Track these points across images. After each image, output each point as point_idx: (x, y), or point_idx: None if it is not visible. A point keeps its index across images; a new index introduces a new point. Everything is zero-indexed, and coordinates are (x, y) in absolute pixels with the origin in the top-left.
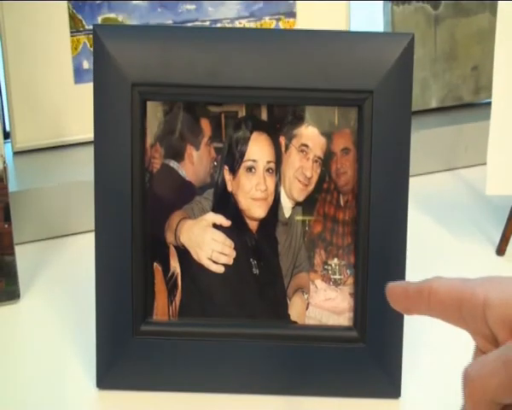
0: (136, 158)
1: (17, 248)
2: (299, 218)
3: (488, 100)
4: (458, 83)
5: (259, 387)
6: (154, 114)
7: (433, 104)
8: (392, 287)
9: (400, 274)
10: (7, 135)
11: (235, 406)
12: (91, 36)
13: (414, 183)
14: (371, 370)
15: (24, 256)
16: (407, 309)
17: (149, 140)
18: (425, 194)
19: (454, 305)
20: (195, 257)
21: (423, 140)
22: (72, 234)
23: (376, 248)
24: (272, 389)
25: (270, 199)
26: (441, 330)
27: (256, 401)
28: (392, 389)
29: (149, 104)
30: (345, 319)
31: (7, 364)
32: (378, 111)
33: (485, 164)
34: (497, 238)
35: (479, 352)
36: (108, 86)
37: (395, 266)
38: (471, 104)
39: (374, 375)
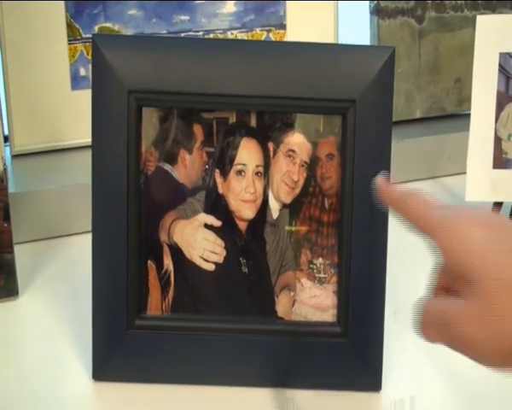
0: (132, 161)
1: (16, 248)
2: (286, 219)
3: (470, 111)
4: (442, 95)
5: (248, 380)
6: (150, 119)
7: (418, 115)
8: (382, 185)
9: (381, 274)
10: (5, 138)
11: (224, 397)
12: (88, 44)
13: None
14: (353, 364)
15: (22, 255)
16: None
17: (145, 144)
18: None
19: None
20: (188, 255)
21: (408, 149)
22: (69, 235)
23: (359, 248)
24: (260, 381)
25: (259, 201)
26: None
27: (244, 393)
28: (373, 382)
29: (145, 110)
30: (329, 316)
31: (5, 357)
32: (361, 119)
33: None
34: None
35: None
36: (106, 93)
37: (376, 265)
38: (454, 115)
39: (356, 369)
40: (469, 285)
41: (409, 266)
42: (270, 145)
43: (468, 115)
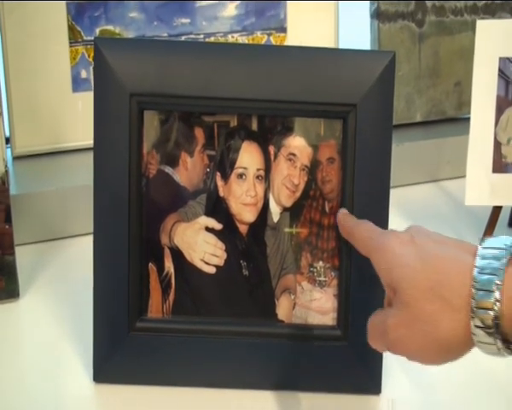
0: (134, 164)
1: (17, 249)
2: (286, 222)
3: (470, 115)
4: (442, 98)
5: (248, 382)
6: (151, 122)
7: (418, 118)
8: (340, 219)
9: None
10: (7, 140)
11: (225, 399)
12: (89, 47)
13: (398, 193)
14: (353, 367)
15: (23, 257)
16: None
17: (146, 147)
18: (409, 204)
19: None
20: (188, 258)
21: (408, 152)
22: (70, 236)
23: (359, 251)
24: (260, 384)
25: (260, 204)
26: None
27: (244, 396)
28: (373, 385)
29: (146, 113)
30: (329, 319)
31: (6, 358)
32: (361, 123)
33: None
34: None
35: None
36: (108, 96)
37: None
38: (454, 119)
39: (356, 372)
40: (398, 296)
41: None
42: (271, 149)
43: (468, 119)
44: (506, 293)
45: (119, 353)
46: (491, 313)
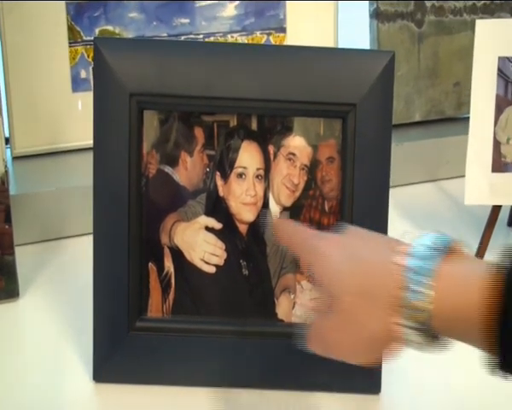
0: (133, 163)
1: (16, 250)
2: None
3: (469, 115)
4: (441, 98)
5: (248, 381)
6: (151, 122)
7: (417, 118)
8: (276, 225)
9: None
10: (6, 140)
11: (224, 399)
12: (89, 47)
13: (398, 193)
14: (353, 366)
15: (23, 257)
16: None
17: (146, 147)
18: (408, 203)
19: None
20: (188, 258)
21: (407, 152)
22: (69, 236)
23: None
24: (259, 383)
25: (260, 204)
26: None
27: (244, 394)
28: (372, 384)
29: (146, 113)
30: None
31: (6, 358)
32: (361, 123)
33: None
34: (474, 246)
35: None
36: (107, 96)
37: None
38: (453, 119)
39: (355, 371)
40: (329, 300)
41: None
42: (271, 148)
43: (467, 119)
44: (437, 293)
45: (118, 352)
46: (422, 313)
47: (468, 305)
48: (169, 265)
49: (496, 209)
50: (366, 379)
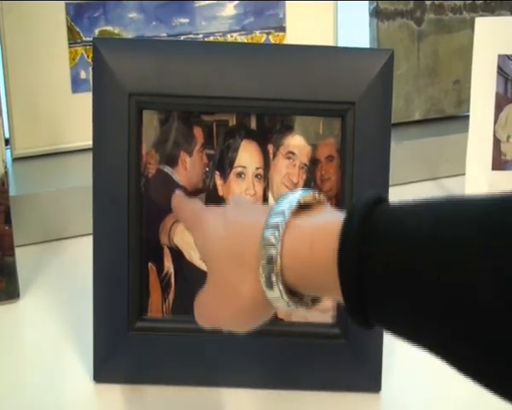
0: (133, 163)
1: (17, 250)
2: None
3: (469, 113)
4: (440, 96)
5: (248, 381)
6: (150, 122)
7: (417, 117)
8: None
9: None
10: (6, 141)
11: (224, 399)
12: (89, 47)
13: (397, 191)
14: (353, 365)
15: (23, 258)
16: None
17: (145, 147)
18: None
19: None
20: (188, 258)
21: (407, 151)
22: (70, 237)
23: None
24: (259, 383)
25: (259, 203)
26: None
27: (244, 395)
28: (372, 383)
29: (145, 113)
30: (328, 317)
31: (7, 359)
32: (360, 121)
33: (465, 174)
34: None
35: None
36: (106, 96)
37: None
38: (453, 117)
39: (355, 370)
40: (208, 269)
41: None
42: (270, 147)
43: (467, 117)
44: (284, 245)
45: (118, 352)
46: (273, 266)
47: (307, 254)
48: (169, 265)
49: None
50: (366, 378)
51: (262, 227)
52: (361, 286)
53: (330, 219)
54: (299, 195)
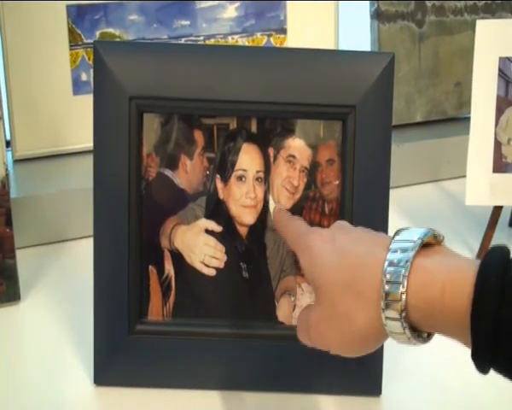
0: (133, 167)
1: (17, 253)
2: None
3: (470, 115)
4: (442, 98)
5: (248, 384)
6: (151, 125)
7: (418, 118)
8: (275, 214)
9: None
10: (7, 143)
11: (225, 402)
12: (90, 49)
13: (399, 193)
14: (353, 368)
15: (24, 260)
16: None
17: (146, 150)
18: (409, 204)
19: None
20: (188, 261)
21: (408, 153)
22: (70, 239)
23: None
24: (260, 386)
25: (260, 206)
26: None
27: (244, 398)
28: (373, 386)
29: (146, 116)
30: None
31: (7, 361)
32: (360, 124)
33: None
34: (476, 247)
35: None
36: (107, 99)
37: None
38: (454, 119)
39: (356, 373)
40: (318, 293)
41: None
42: (271, 151)
43: (468, 119)
44: (411, 284)
45: (119, 355)
46: (399, 303)
47: (438, 298)
48: (169, 268)
49: (497, 210)
50: (367, 381)
51: (383, 263)
52: (495, 340)
53: (464, 266)
54: (421, 234)
